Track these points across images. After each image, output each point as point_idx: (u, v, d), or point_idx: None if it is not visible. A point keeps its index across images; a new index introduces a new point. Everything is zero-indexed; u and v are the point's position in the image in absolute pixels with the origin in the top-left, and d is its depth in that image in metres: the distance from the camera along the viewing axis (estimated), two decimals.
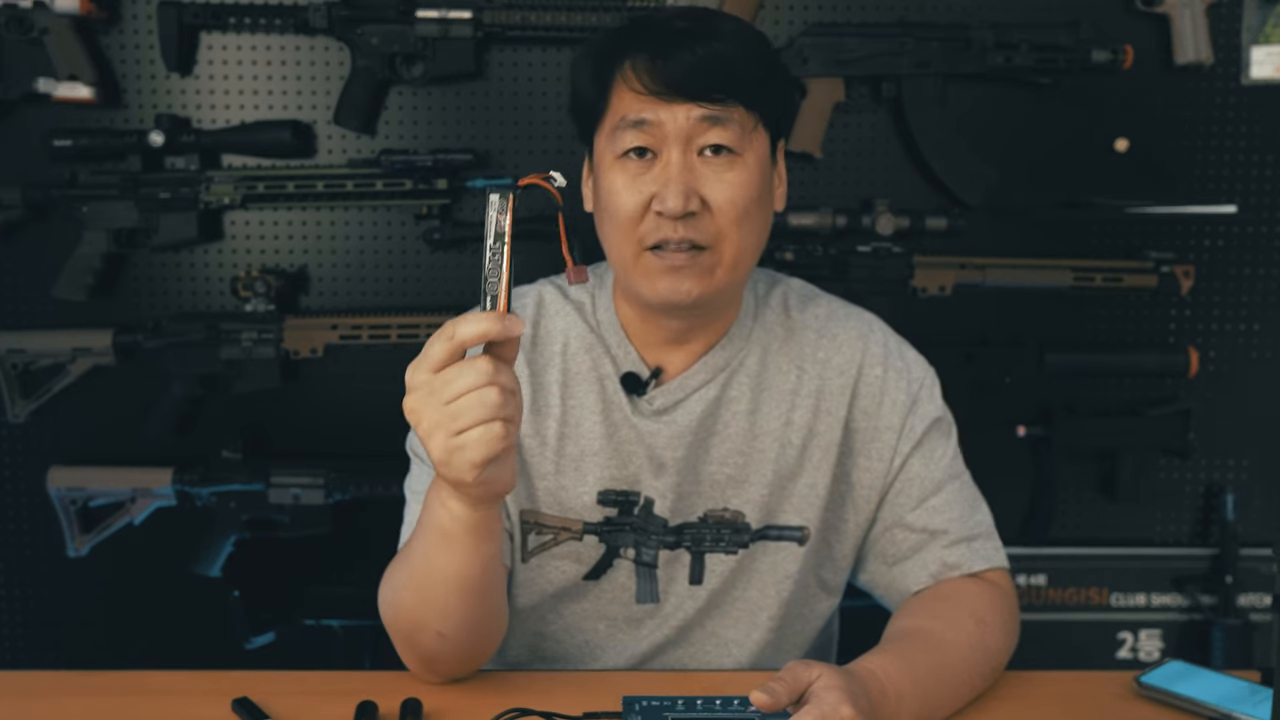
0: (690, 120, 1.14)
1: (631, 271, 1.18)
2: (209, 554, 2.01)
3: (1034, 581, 2.11)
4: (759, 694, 0.97)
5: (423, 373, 0.97)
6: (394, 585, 1.16)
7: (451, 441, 0.95)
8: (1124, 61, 1.97)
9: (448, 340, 0.96)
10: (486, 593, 1.12)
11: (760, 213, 1.19)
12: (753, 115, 1.17)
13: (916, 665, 1.10)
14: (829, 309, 1.32)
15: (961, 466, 1.32)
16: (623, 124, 1.16)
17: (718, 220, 1.16)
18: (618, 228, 1.18)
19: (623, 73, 1.16)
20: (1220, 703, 1.12)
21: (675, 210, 1.13)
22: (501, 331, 0.96)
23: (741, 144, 1.16)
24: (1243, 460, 2.15)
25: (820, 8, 2.01)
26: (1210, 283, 2.10)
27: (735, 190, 1.16)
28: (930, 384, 1.31)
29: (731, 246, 1.17)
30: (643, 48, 1.15)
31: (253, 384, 1.99)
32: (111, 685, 1.18)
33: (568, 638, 1.31)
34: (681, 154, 1.15)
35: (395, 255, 2.05)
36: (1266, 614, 2.08)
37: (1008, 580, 1.30)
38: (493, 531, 1.08)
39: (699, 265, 1.16)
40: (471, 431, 0.95)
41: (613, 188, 1.17)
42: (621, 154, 1.17)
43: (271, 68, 2.00)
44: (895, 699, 1.06)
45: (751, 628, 1.30)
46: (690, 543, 1.27)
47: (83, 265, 1.97)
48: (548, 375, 1.27)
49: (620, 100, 1.17)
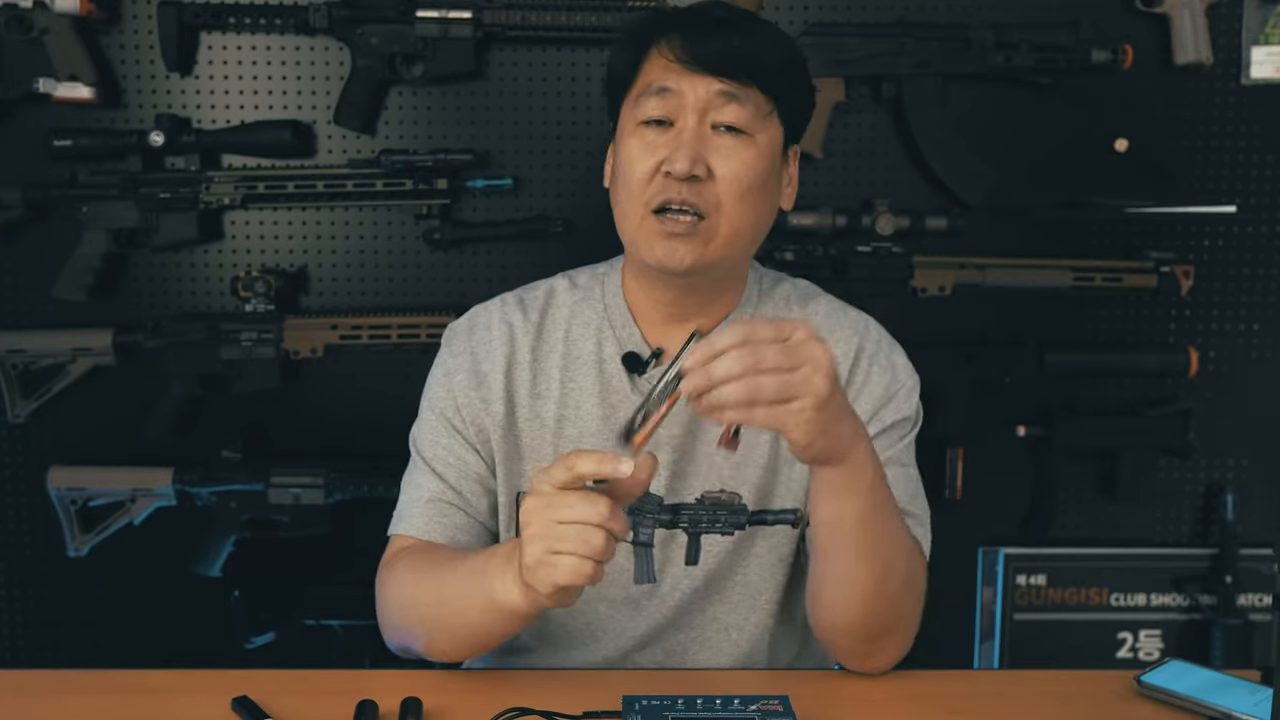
0: (709, 93, 1.20)
1: (636, 234, 1.23)
2: (209, 554, 2.01)
3: (1034, 581, 2.11)
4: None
5: (547, 484, 1.02)
6: (414, 594, 1.20)
7: (547, 556, 1.00)
8: (1124, 61, 1.97)
9: (567, 470, 1.01)
10: (508, 637, 1.18)
11: (763, 198, 1.23)
12: (768, 101, 1.22)
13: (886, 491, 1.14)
14: (828, 307, 1.35)
15: (911, 459, 1.32)
16: (647, 91, 1.22)
17: (719, 190, 1.20)
18: (628, 190, 1.22)
19: (657, 47, 1.23)
20: (1220, 703, 1.12)
21: (682, 171, 1.18)
22: (612, 473, 1.00)
23: (754, 126, 1.21)
24: (1243, 460, 2.15)
25: (820, 8, 2.01)
26: (1210, 283, 2.10)
27: (741, 167, 1.20)
28: (911, 388, 1.33)
29: (729, 220, 1.21)
30: (679, 28, 1.22)
31: (253, 384, 1.99)
32: (111, 685, 1.18)
33: (569, 620, 1.32)
34: (697, 123, 1.20)
35: (395, 255, 2.05)
36: (1266, 614, 2.08)
37: (923, 563, 1.26)
38: (532, 618, 1.12)
39: (697, 234, 1.20)
40: (567, 558, 1.00)
41: (630, 153, 1.22)
42: (642, 121, 1.22)
43: (271, 68, 2.00)
44: (866, 449, 1.09)
45: (751, 611, 1.31)
46: (686, 523, 1.29)
47: (83, 265, 1.97)
48: (549, 360, 1.30)
49: (649, 71, 1.23)
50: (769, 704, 1.07)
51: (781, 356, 0.99)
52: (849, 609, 1.16)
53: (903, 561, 1.17)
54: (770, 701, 1.08)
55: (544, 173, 2.03)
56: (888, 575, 1.15)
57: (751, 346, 0.98)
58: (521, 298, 1.35)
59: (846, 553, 1.13)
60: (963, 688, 1.21)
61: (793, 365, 0.99)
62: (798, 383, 0.99)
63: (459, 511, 1.27)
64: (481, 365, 1.29)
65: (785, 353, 0.99)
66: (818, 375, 0.99)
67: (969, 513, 2.10)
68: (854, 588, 1.15)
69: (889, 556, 1.15)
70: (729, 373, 0.98)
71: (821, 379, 0.99)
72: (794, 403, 0.99)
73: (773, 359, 0.99)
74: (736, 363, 0.98)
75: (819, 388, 0.99)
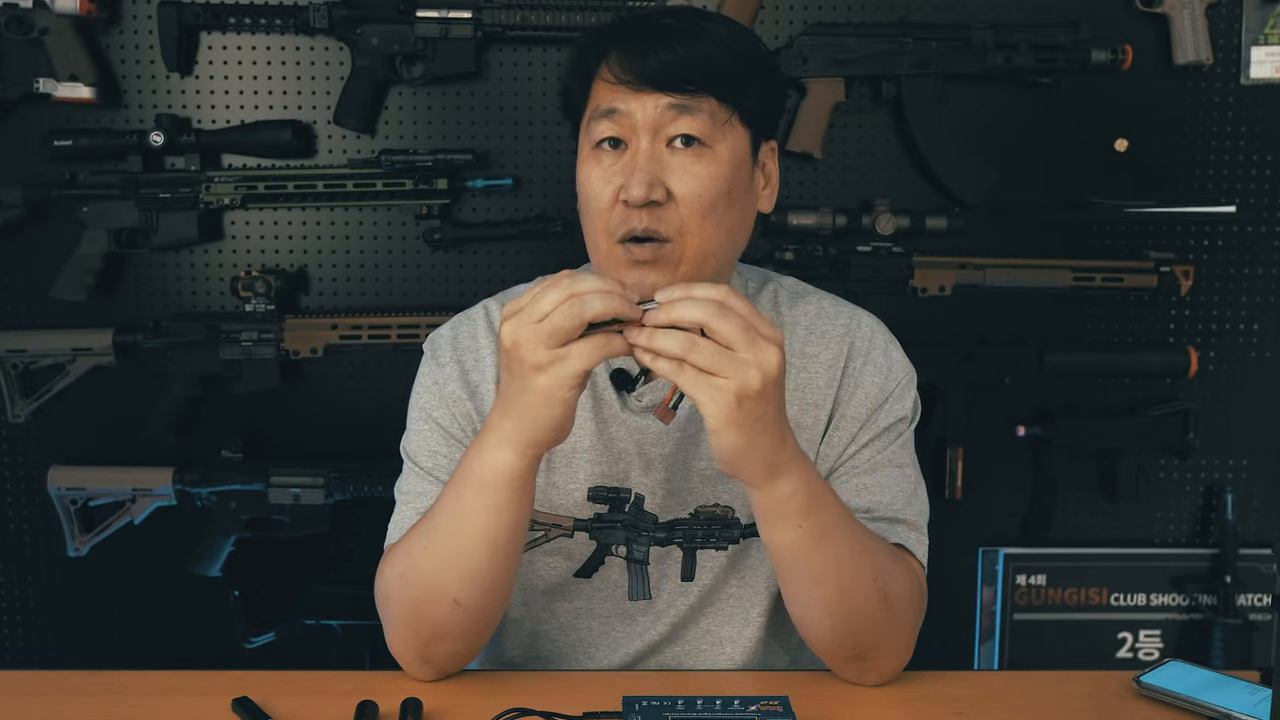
0: (658, 109, 1.14)
1: (605, 263, 1.19)
2: (209, 554, 2.01)
3: (1034, 581, 2.11)
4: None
5: (514, 305, 1.04)
6: (409, 553, 1.16)
7: (555, 353, 1.00)
8: (1124, 61, 1.97)
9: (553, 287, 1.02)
10: (511, 558, 1.14)
11: (731, 209, 1.18)
12: (725, 108, 1.16)
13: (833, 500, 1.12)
14: (819, 306, 1.32)
15: (909, 459, 1.29)
16: (596, 114, 1.17)
17: (681, 212, 1.15)
18: (591, 219, 1.19)
19: (601, 66, 1.18)
20: (1220, 703, 1.12)
21: (638, 198, 1.13)
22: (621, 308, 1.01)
23: (712, 136, 1.16)
24: (1243, 460, 2.15)
25: (820, 8, 2.01)
26: (1210, 283, 2.10)
27: (702, 183, 1.15)
28: (906, 384, 1.29)
29: (695, 240, 1.16)
30: (622, 42, 1.17)
31: (253, 384, 1.99)
32: (111, 685, 1.18)
33: (562, 636, 1.31)
34: (650, 143, 1.15)
35: (395, 255, 2.05)
36: (1266, 614, 2.08)
37: (920, 571, 1.25)
38: (529, 489, 1.10)
39: (663, 259, 1.16)
40: (573, 344, 1.00)
41: (588, 179, 1.18)
42: (595, 144, 1.18)
43: (271, 68, 2.00)
44: (794, 481, 1.06)
45: (744, 624, 1.30)
46: (682, 539, 1.27)
47: (83, 265, 1.97)
48: None
49: (597, 92, 1.18)
50: (769, 704, 1.07)
51: (736, 334, 0.99)
52: (816, 630, 1.16)
53: (870, 583, 1.13)
54: (770, 702, 1.08)
55: (544, 173, 2.03)
56: (849, 598, 1.12)
57: (720, 308, 0.99)
58: (504, 305, 1.32)
59: (793, 578, 1.13)
60: (963, 688, 1.20)
61: (741, 348, 0.98)
62: (734, 364, 0.99)
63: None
64: (470, 375, 1.26)
65: (742, 333, 0.99)
66: (755, 370, 0.99)
67: (969, 513, 2.10)
68: (814, 609, 1.13)
69: (847, 581, 1.12)
70: (683, 316, 0.99)
71: (757, 375, 0.99)
72: (720, 379, 0.99)
73: (727, 331, 0.98)
74: (696, 309, 0.99)
75: (750, 380, 0.99)
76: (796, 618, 1.17)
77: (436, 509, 1.15)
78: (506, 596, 1.19)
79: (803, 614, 1.16)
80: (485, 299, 1.34)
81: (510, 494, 1.09)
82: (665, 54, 1.14)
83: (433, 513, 1.15)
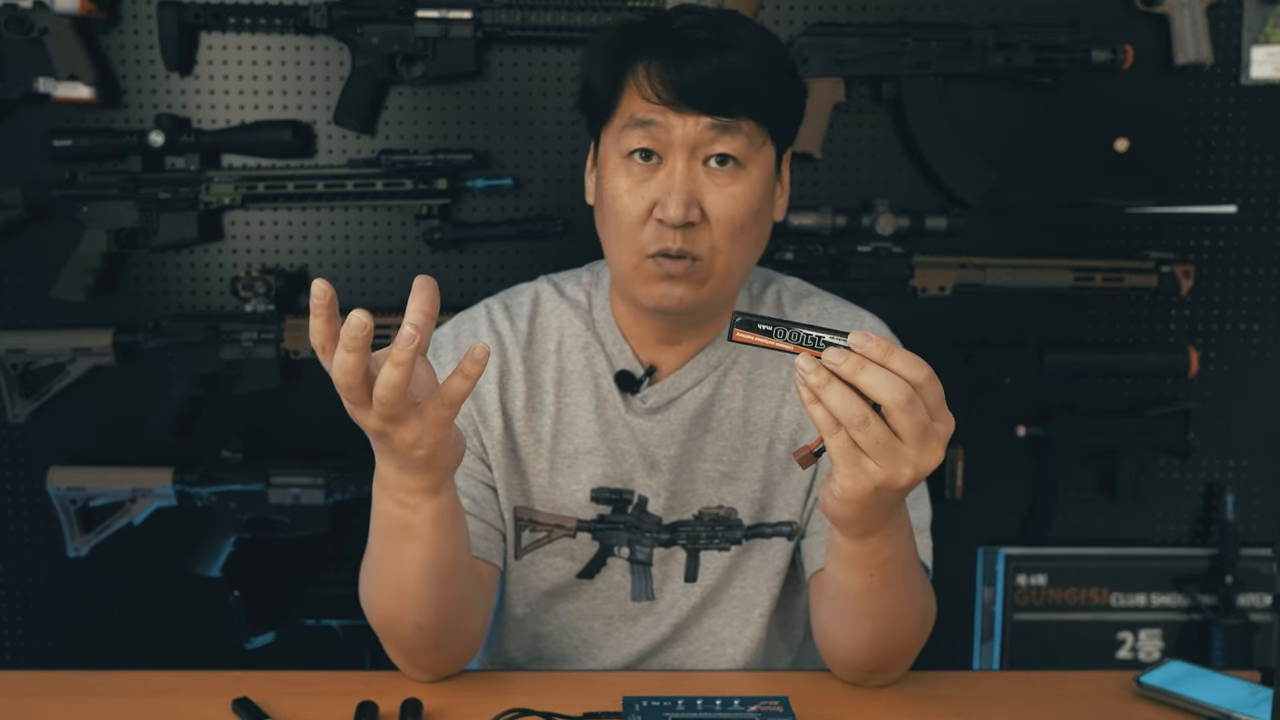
0: (699, 129, 1.14)
1: (631, 277, 1.19)
2: (209, 554, 2.01)
3: (1034, 581, 2.11)
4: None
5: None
6: (365, 582, 1.15)
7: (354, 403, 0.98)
8: (1124, 61, 1.97)
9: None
10: (457, 578, 1.11)
11: (756, 226, 1.19)
12: (763, 130, 1.17)
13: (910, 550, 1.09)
14: (821, 306, 1.33)
15: None
16: (631, 122, 1.16)
17: (714, 233, 1.16)
18: (619, 233, 1.18)
19: (635, 75, 1.16)
20: (1220, 703, 1.12)
21: (676, 219, 1.13)
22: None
23: (748, 156, 1.16)
24: (1243, 460, 2.15)
25: (820, 8, 2.01)
26: (1210, 283, 2.10)
27: (735, 204, 1.16)
28: None
29: (724, 259, 1.17)
30: (658, 52, 1.14)
31: (253, 384, 1.99)
32: (111, 685, 1.18)
33: (564, 637, 1.31)
34: (686, 162, 1.15)
35: (395, 255, 2.05)
36: (1266, 614, 2.08)
37: (931, 595, 1.23)
38: (456, 521, 1.07)
39: (692, 275, 1.16)
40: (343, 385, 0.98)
41: (616, 190, 1.17)
42: (627, 154, 1.16)
43: (271, 68, 2.00)
44: (892, 538, 1.03)
45: (745, 625, 1.30)
46: (685, 540, 1.28)
47: (83, 265, 1.97)
48: (543, 373, 1.28)
49: (631, 101, 1.16)
50: (769, 705, 1.07)
51: (913, 430, 0.89)
52: (851, 653, 1.15)
53: (917, 623, 1.15)
54: (770, 702, 1.08)
55: (544, 173, 2.03)
56: (894, 632, 1.13)
57: (909, 400, 0.89)
58: (507, 304, 1.31)
59: (849, 612, 1.11)
60: (963, 688, 1.21)
61: (910, 443, 0.90)
62: (893, 457, 0.90)
63: (475, 520, 1.23)
64: None
65: (919, 430, 0.89)
66: (910, 469, 0.91)
67: (969, 513, 2.10)
68: (859, 638, 1.13)
69: (896, 619, 1.12)
70: (869, 389, 0.88)
71: (910, 473, 0.91)
72: (871, 464, 0.91)
73: (906, 425, 0.89)
74: (886, 391, 0.89)
75: (900, 476, 0.91)
76: (833, 638, 1.16)
77: (370, 546, 1.12)
78: (478, 608, 1.17)
79: (844, 638, 1.14)
80: (486, 298, 1.34)
81: (432, 528, 1.05)
82: (704, 69, 1.12)
83: (369, 548, 1.13)
